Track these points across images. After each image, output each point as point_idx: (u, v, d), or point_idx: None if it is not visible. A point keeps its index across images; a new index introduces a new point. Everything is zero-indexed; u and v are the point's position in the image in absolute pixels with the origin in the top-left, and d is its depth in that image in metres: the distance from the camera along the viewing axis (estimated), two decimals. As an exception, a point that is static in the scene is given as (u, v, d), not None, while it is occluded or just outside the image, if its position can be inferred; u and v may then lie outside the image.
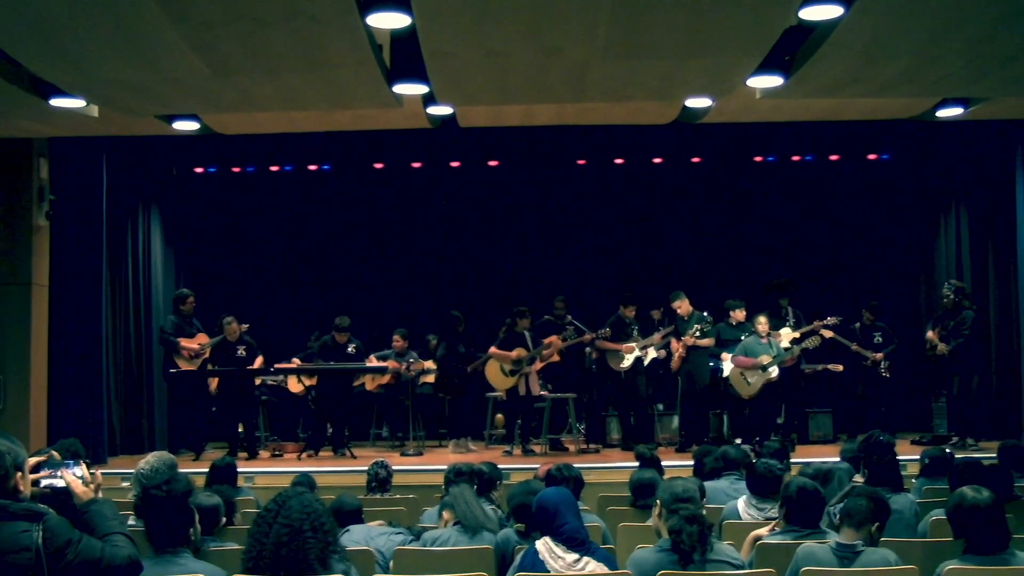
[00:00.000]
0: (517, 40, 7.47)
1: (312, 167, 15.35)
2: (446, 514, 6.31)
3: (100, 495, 3.99)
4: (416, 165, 15.29)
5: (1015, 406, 12.70)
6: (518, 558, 5.11)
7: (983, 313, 12.95)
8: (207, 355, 12.95)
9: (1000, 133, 12.52)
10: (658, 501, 5.35)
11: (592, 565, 4.87)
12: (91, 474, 4.01)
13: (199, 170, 15.09)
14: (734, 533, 6.18)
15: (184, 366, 12.79)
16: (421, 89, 8.92)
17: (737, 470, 7.67)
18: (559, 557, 4.89)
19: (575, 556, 4.88)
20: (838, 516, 5.40)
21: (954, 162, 14.12)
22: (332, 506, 6.25)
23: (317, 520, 4.19)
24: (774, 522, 5.96)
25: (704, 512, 5.27)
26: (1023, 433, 12.12)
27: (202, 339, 12.95)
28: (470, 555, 5.81)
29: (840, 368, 13.38)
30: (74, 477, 3.93)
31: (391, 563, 5.84)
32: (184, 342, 12.81)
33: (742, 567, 5.07)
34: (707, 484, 7.25)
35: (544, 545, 4.94)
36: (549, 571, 4.87)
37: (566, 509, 5.00)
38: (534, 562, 4.91)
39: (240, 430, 12.81)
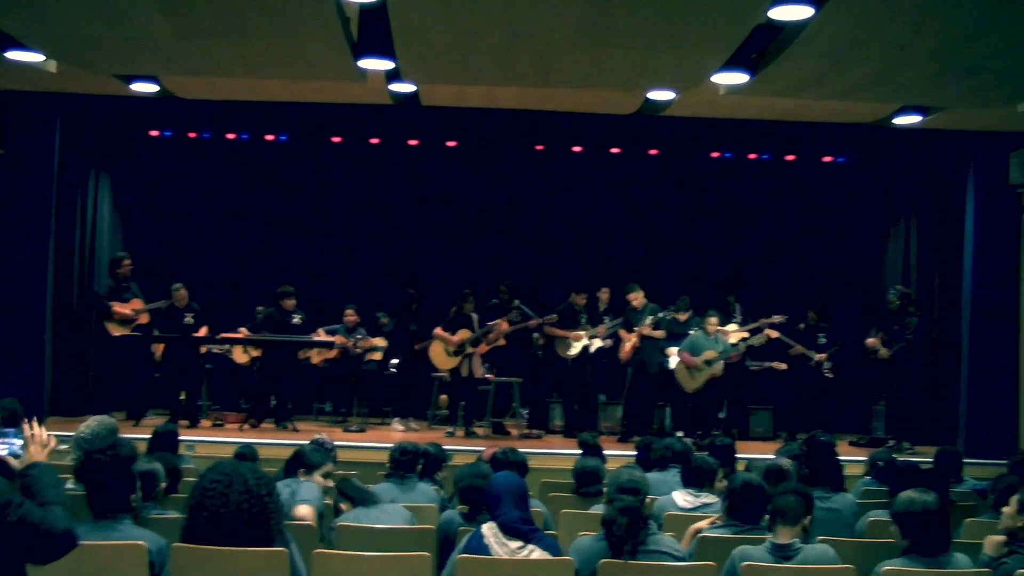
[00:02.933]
0: (488, 21, 7.45)
1: (269, 137, 15.14)
2: (343, 506, 6.28)
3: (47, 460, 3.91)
4: (374, 141, 15.17)
5: (952, 412, 12.92)
6: (463, 540, 5.10)
7: (926, 321, 13.12)
8: (142, 321, 12.75)
9: (954, 144, 12.69)
10: (605, 490, 5.38)
11: (537, 553, 4.87)
12: (45, 436, 3.93)
13: (154, 133, 14.86)
14: (675, 524, 6.22)
15: (115, 331, 12.59)
16: (387, 65, 8.87)
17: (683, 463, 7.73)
18: (503, 543, 4.88)
19: (519, 543, 4.88)
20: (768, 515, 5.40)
21: (908, 170, 14.28)
22: (292, 456, 6.34)
23: (271, 488, 4.15)
24: (715, 515, 6.01)
25: (647, 501, 5.30)
26: (958, 439, 12.35)
27: (136, 304, 12.77)
28: (412, 535, 5.81)
29: (784, 367, 13.48)
30: (33, 433, 3.86)
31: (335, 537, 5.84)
32: (117, 307, 12.62)
33: (683, 559, 5.10)
34: (653, 476, 7.32)
35: (490, 529, 4.94)
36: (493, 555, 4.86)
37: (509, 498, 4.98)
38: (479, 545, 4.90)
39: (182, 398, 12.68)
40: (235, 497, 4.05)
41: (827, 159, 15.37)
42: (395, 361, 13.40)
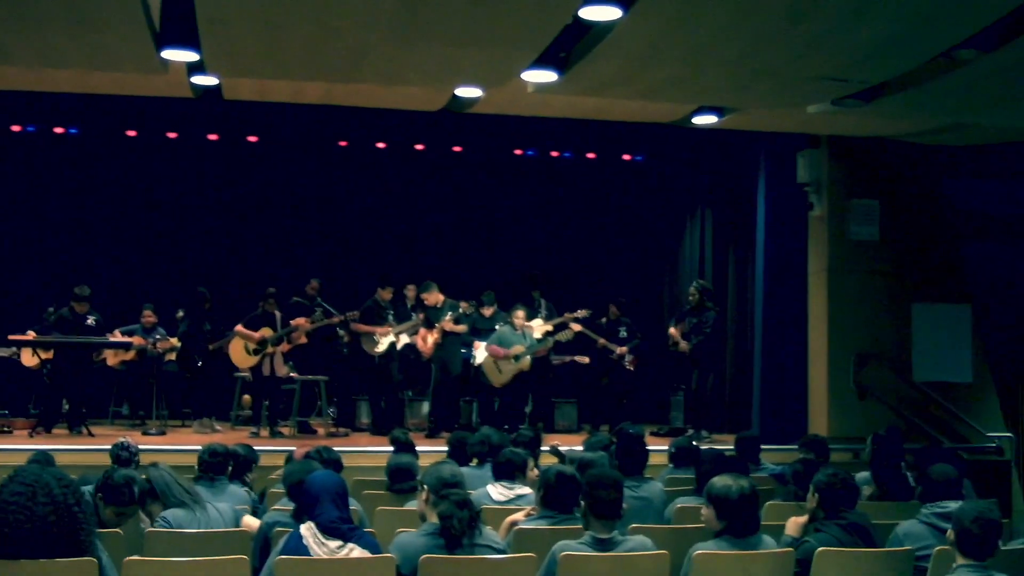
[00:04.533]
0: (298, 15, 7.32)
1: (58, 129, 14.52)
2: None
3: None
4: (172, 135, 14.72)
5: (746, 402, 13.46)
6: (280, 542, 5.00)
7: (722, 314, 13.61)
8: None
9: (747, 143, 13.18)
10: (425, 486, 5.37)
11: (357, 551, 4.82)
12: None
13: (-72, 125, 14.04)
14: (490, 518, 6.25)
15: None
16: (191, 56, 8.56)
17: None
18: (323, 543, 4.82)
19: (339, 542, 4.82)
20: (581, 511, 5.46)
21: (703, 167, 14.79)
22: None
23: (78, 495, 3.96)
24: (530, 507, 6.08)
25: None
26: (752, 426, 12.87)
27: None
28: (226, 538, 5.67)
29: (587, 360, 13.79)
30: None
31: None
32: None
33: (504, 551, 5.15)
34: (470, 471, 7.36)
35: (308, 530, 4.86)
36: (313, 556, 4.79)
37: (328, 497, 4.92)
38: (298, 546, 4.82)
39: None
40: (40, 510, 3.83)
41: (626, 157, 15.78)
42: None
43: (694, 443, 9.02)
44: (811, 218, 12.84)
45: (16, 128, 14.38)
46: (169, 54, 8.46)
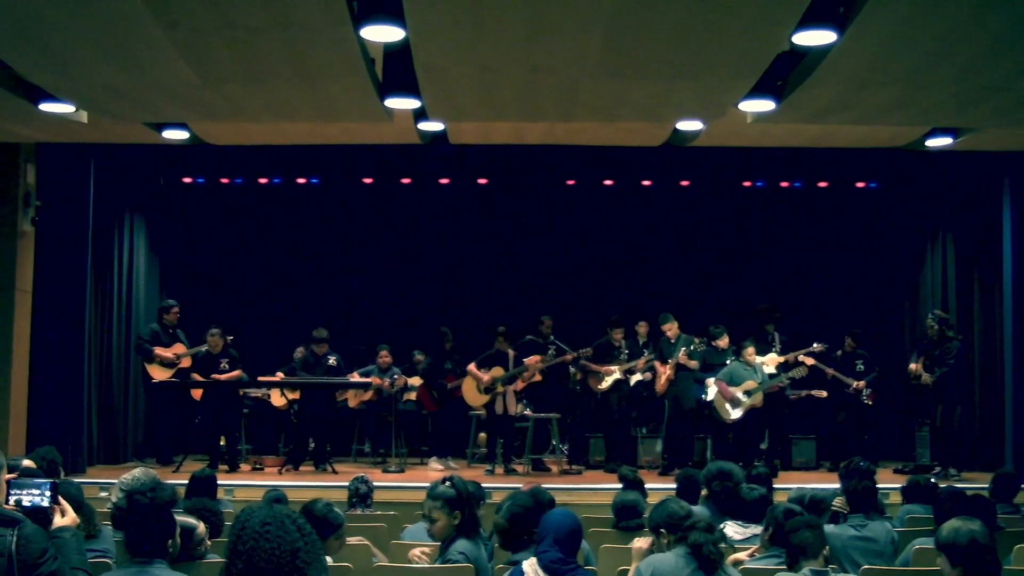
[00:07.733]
0: (509, 56, 7.46)
1: (300, 180, 15.28)
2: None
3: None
4: (405, 181, 15.24)
5: (998, 437, 12.72)
6: (505, 576, 5.08)
7: (967, 344, 12.94)
8: (183, 364, 12.86)
9: (987, 164, 12.57)
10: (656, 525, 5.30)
11: (575, 590, 4.83)
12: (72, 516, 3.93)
13: (187, 180, 15.02)
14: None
15: (157, 375, 12.70)
16: (412, 104, 8.89)
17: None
18: (543, 581, 4.85)
19: (558, 582, 4.84)
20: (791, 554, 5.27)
21: (941, 192, 14.15)
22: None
23: (310, 535, 4.08)
24: (754, 547, 5.93)
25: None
26: (1005, 463, 12.12)
27: (178, 348, 12.88)
28: (448, 572, 5.76)
29: (824, 394, 13.36)
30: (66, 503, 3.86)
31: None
32: (159, 350, 12.74)
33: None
34: (698, 510, 7.23)
35: (531, 566, 4.91)
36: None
37: (553, 538, 4.97)
38: (520, 581, 4.88)
39: (222, 443, 12.72)
40: (290, 536, 3.96)
41: (860, 184, 15.29)
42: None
43: (932, 480, 8.55)
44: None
45: (263, 180, 15.24)
46: (392, 102, 8.79)
